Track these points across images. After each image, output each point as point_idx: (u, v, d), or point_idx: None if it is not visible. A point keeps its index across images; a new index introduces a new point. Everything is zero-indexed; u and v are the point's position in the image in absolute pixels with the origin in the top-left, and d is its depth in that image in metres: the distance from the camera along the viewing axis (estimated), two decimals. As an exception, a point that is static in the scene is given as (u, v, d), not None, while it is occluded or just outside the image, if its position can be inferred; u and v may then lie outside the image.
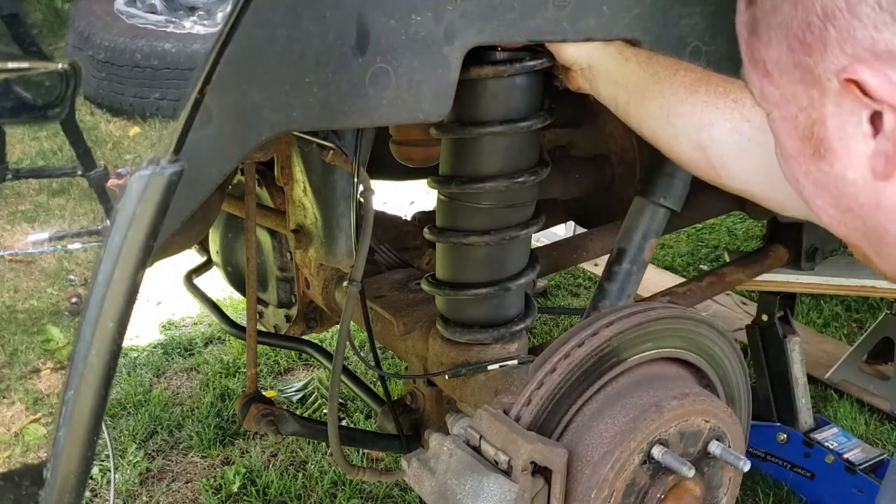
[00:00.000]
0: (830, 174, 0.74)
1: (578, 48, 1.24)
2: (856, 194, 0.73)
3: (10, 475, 0.93)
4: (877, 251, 0.76)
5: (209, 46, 0.86)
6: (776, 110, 0.78)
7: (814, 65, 0.70)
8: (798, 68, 0.72)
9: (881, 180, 0.70)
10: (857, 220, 0.75)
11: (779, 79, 0.75)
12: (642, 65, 1.18)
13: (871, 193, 0.71)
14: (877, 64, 0.65)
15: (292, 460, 2.94)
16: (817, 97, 0.71)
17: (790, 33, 0.71)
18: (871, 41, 0.65)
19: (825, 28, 0.67)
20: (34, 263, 0.89)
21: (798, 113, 0.74)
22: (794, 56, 0.71)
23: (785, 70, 0.74)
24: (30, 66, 0.85)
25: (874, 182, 0.70)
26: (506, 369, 1.50)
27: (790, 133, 0.77)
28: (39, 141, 0.88)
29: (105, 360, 0.90)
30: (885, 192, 0.70)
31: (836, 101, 0.70)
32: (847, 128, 0.70)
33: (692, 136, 1.13)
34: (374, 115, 1.04)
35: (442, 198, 1.46)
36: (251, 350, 1.95)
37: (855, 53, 0.66)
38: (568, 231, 3.91)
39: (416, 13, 1.02)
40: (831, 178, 0.74)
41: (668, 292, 2.22)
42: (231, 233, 2.37)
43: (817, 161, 0.74)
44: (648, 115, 1.19)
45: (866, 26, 0.64)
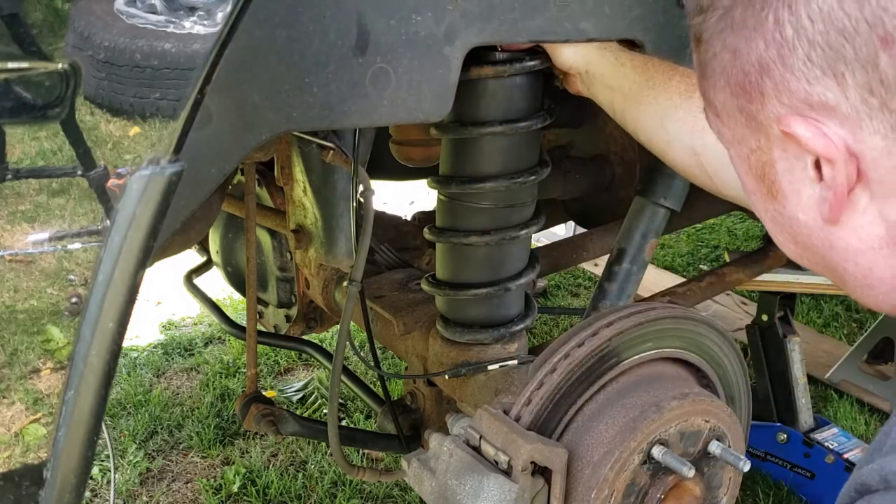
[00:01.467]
0: (784, 214, 0.75)
1: (575, 53, 1.24)
2: (809, 235, 0.73)
3: (10, 475, 0.93)
4: (842, 284, 0.77)
5: (209, 46, 0.86)
6: (732, 148, 0.79)
7: (755, 112, 0.70)
8: (742, 113, 0.72)
9: (829, 225, 0.70)
10: (815, 256, 0.76)
11: (728, 121, 0.76)
12: (637, 70, 1.19)
13: (822, 236, 0.72)
14: (812, 114, 0.66)
15: (292, 460, 2.94)
16: (763, 141, 0.72)
17: (731, 80, 0.72)
18: (805, 93, 0.65)
19: (761, 79, 0.68)
20: (34, 263, 0.89)
21: (749, 154, 0.75)
22: (738, 101, 0.72)
23: (731, 114, 0.74)
24: (30, 66, 0.85)
25: (824, 225, 0.70)
26: (506, 369, 1.50)
27: (746, 171, 0.78)
28: (39, 141, 0.88)
29: (105, 360, 0.90)
30: (835, 235, 0.71)
31: (780, 146, 0.70)
32: (794, 172, 0.70)
33: (686, 141, 1.13)
34: (374, 116, 1.04)
35: (442, 198, 1.46)
36: (251, 350, 1.95)
37: (791, 104, 0.67)
38: (568, 231, 3.91)
39: (416, 13, 1.02)
40: (785, 218, 0.75)
41: (668, 292, 2.22)
42: (231, 233, 2.37)
43: (772, 201, 0.75)
44: (643, 121, 1.20)
45: (799, 79, 0.65)
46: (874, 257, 0.69)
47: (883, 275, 0.70)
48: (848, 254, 0.71)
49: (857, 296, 0.77)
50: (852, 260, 0.71)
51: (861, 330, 3.63)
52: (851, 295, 0.78)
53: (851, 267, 0.72)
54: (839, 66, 0.62)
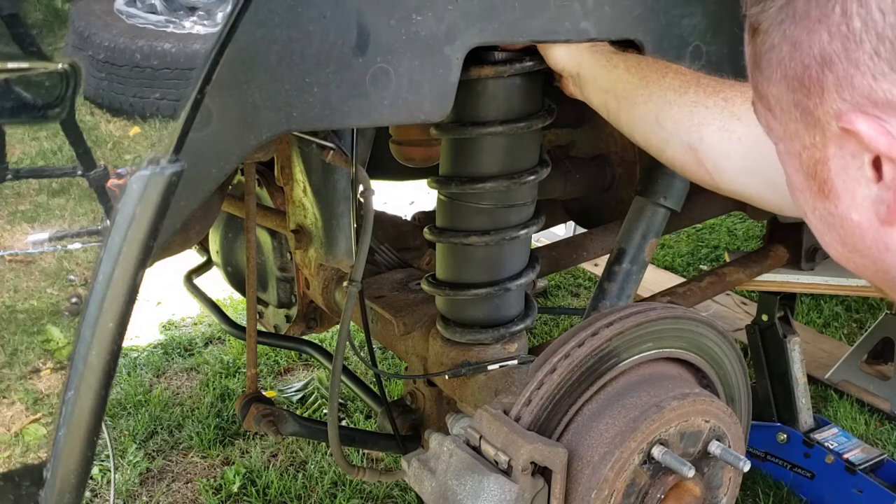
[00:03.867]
0: (836, 214, 0.72)
1: (567, 55, 1.24)
2: (862, 236, 0.71)
3: (10, 475, 0.93)
4: (890, 289, 0.75)
5: (209, 46, 0.86)
6: (781, 144, 0.77)
7: (813, 107, 0.69)
8: (798, 108, 0.70)
9: (885, 227, 0.68)
10: (865, 259, 0.74)
11: (781, 116, 0.74)
12: (631, 70, 1.18)
13: (877, 237, 0.70)
14: (875, 111, 0.64)
15: (292, 460, 2.94)
16: (819, 138, 0.70)
17: (789, 73, 0.70)
18: (870, 89, 0.64)
19: (822, 73, 0.66)
20: (34, 263, 0.89)
21: (801, 151, 0.73)
22: (794, 96, 0.70)
23: (786, 108, 0.72)
24: (30, 66, 0.85)
25: (880, 226, 0.69)
26: (506, 369, 1.50)
27: (796, 168, 0.76)
28: (39, 141, 0.88)
29: (105, 360, 0.90)
30: (892, 237, 0.69)
31: (837, 143, 0.68)
32: (850, 171, 0.69)
33: (682, 137, 1.12)
34: (374, 116, 1.04)
35: (442, 198, 1.46)
36: (251, 350, 1.95)
37: (853, 100, 0.65)
38: (568, 231, 3.91)
39: (416, 13, 1.02)
40: (836, 218, 0.73)
41: (668, 292, 2.22)
42: (231, 233, 2.37)
43: (822, 200, 0.73)
44: (639, 120, 1.18)
45: (864, 74, 0.63)
46: None
47: None
48: None
49: None
50: None
51: (861, 330, 3.63)
52: None
53: None
54: None
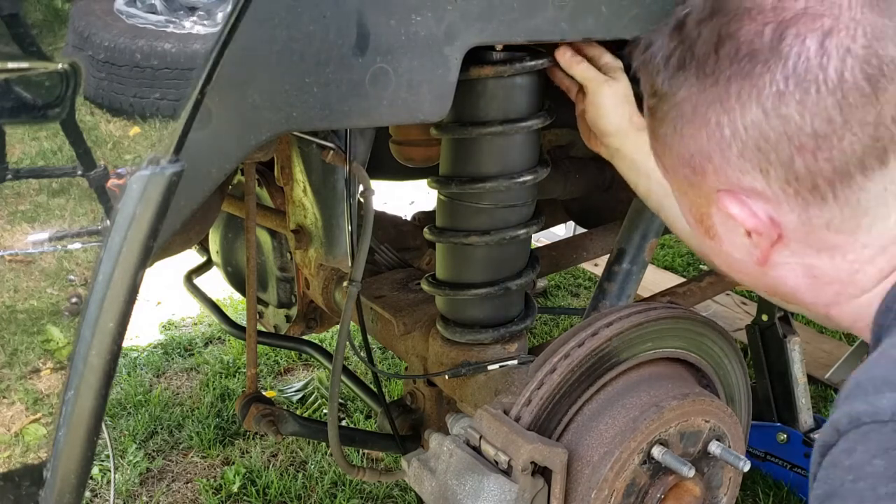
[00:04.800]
0: (720, 251, 0.92)
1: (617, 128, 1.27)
2: (745, 269, 0.91)
3: (10, 475, 0.93)
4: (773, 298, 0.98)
5: (209, 46, 0.86)
6: (674, 194, 0.96)
7: (698, 182, 0.87)
8: (686, 179, 0.89)
9: (760, 266, 0.88)
10: (749, 278, 0.94)
11: (673, 178, 0.93)
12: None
13: (755, 272, 0.90)
14: (743, 195, 0.83)
15: (292, 460, 2.94)
16: (703, 200, 0.88)
17: (680, 155, 0.88)
18: (738, 180, 0.82)
19: (703, 163, 0.85)
20: (34, 263, 0.89)
21: (691, 204, 0.92)
22: (684, 170, 0.88)
23: (678, 175, 0.90)
24: (30, 66, 0.85)
25: (755, 265, 0.88)
26: (506, 369, 1.50)
27: (687, 212, 0.95)
28: (39, 141, 0.88)
29: (105, 360, 0.90)
30: (765, 272, 0.89)
31: (715, 211, 0.88)
32: (728, 227, 0.88)
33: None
34: (374, 116, 1.04)
35: (442, 198, 1.46)
36: (251, 350, 1.95)
37: (728, 184, 0.83)
38: (568, 231, 3.91)
39: (416, 13, 1.02)
40: (722, 254, 0.92)
41: (668, 292, 2.22)
42: (231, 233, 2.37)
43: (709, 240, 0.92)
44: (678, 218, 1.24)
45: (734, 170, 0.82)
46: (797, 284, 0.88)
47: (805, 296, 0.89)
48: (778, 283, 0.90)
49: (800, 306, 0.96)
50: (783, 286, 0.90)
51: (861, 330, 3.62)
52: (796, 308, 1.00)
53: (782, 289, 0.91)
54: (765, 164, 0.80)
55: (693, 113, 0.83)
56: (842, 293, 0.86)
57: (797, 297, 0.91)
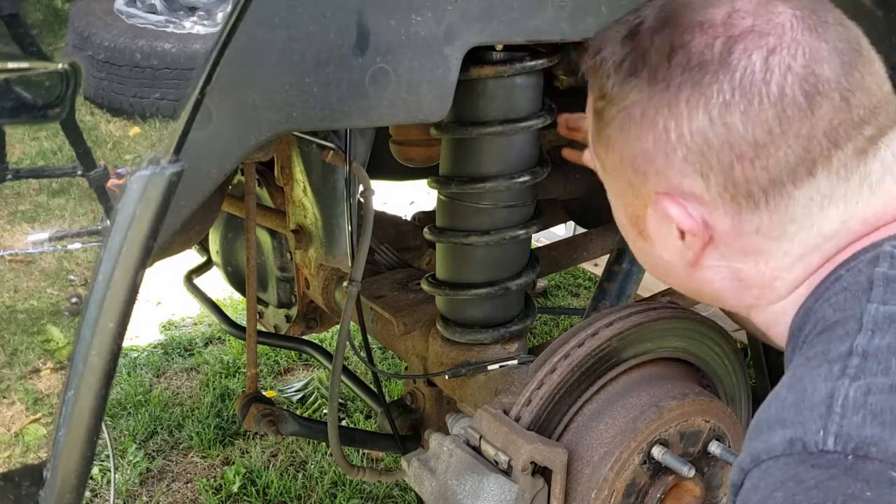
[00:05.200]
0: (651, 253, 0.96)
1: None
2: (672, 269, 0.95)
3: (10, 475, 0.93)
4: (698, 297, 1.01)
5: (209, 46, 0.86)
6: (611, 191, 1.00)
7: (638, 184, 0.91)
8: (626, 179, 0.92)
9: (690, 268, 0.92)
10: (675, 280, 0.99)
11: (612, 178, 0.97)
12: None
13: (682, 272, 0.94)
14: (681, 198, 0.87)
15: (292, 460, 2.94)
16: (640, 201, 0.92)
17: (622, 156, 0.91)
18: (679, 182, 0.86)
19: (646, 165, 0.88)
20: (34, 263, 0.89)
21: (627, 204, 0.96)
22: (625, 170, 0.92)
23: (618, 175, 0.94)
24: (30, 66, 0.85)
25: (686, 266, 0.93)
26: (506, 369, 1.50)
27: (622, 213, 0.99)
28: (39, 141, 0.88)
29: (105, 360, 0.90)
30: (694, 273, 0.93)
31: (653, 209, 0.91)
32: (661, 229, 0.91)
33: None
34: (373, 116, 1.04)
35: (442, 198, 1.46)
36: (251, 350, 1.95)
37: (668, 186, 0.87)
38: (568, 231, 3.91)
39: (416, 13, 1.02)
40: (652, 255, 0.97)
41: (668, 292, 2.22)
42: (231, 233, 2.37)
43: (641, 241, 0.97)
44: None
45: (675, 173, 0.86)
46: (722, 286, 0.93)
47: (729, 298, 0.94)
48: (704, 284, 0.94)
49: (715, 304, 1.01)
50: (708, 287, 0.94)
51: (861, 330, 3.62)
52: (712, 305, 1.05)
53: (707, 290, 0.95)
54: (706, 169, 0.84)
55: (642, 117, 0.87)
56: (761, 297, 0.91)
57: (720, 299, 0.96)
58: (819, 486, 0.63)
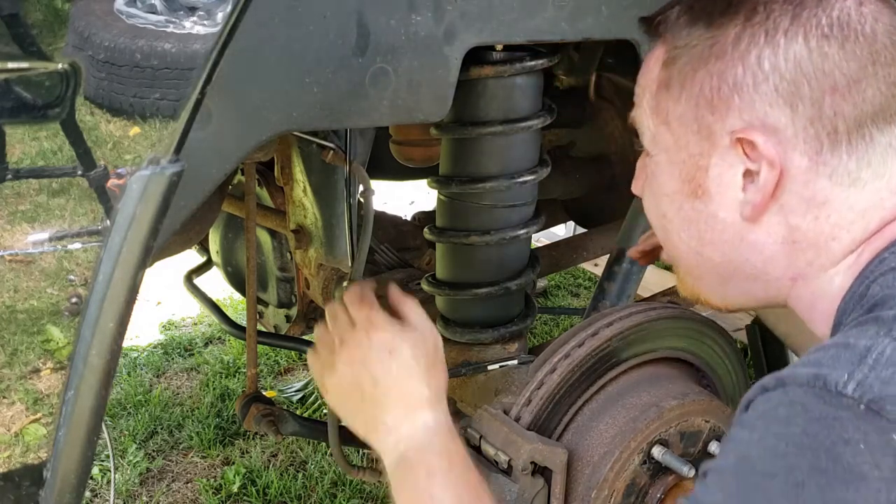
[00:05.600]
0: (704, 211, 0.92)
1: None
2: (723, 230, 0.91)
3: (10, 475, 0.93)
4: (730, 277, 0.95)
5: (209, 46, 0.86)
6: (665, 154, 0.95)
7: (712, 122, 0.88)
8: (698, 122, 0.89)
9: (747, 223, 0.89)
10: (715, 251, 0.93)
11: (677, 128, 0.92)
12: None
13: (737, 231, 0.90)
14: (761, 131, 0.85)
15: (292, 460, 2.94)
16: (707, 148, 0.89)
17: (703, 94, 0.88)
18: (764, 114, 0.84)
19: (731, 97, 0.86)
20: (34, 263, 0.89)
21: (686, 158, 0.92)
22: (699, 112, 0.89)
23: (685, 122, 0.91)
24: (30, 66, 0.85)
25: (742, 222, 0.89)
26: (506, 369, 1.50)
27: (672, 174, 0.94)
28: (39, 141, 0.88)
29: (105, 360, 0.90)
30: (750, 230, 0.89)
31: (721, 154, 0.88)
32: (724, 178, 0.88)
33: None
34: (373, 116, 1.04)
35: (442, 198, 1.46)
36: (251, 350, 1.95)
37: (750, 121, 0.85)
38: (568, 231, 3.91)
39: (416, 13, 1.02)
40: (703, 214, 0.92)
41: (668, 292, 2.22)
42: (231, 233, 2.37)
43: (693, 200, 0.92)
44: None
45: (763, 103, 0.84)
46: (773, 251, 0.89)
47: (777, 265, 0.90)
48: (756, 246, 0.89)
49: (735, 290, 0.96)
50: (759, 251, 0.90)
51: (861, 330, 3.62)
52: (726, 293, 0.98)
53: (755, 257, 0.90)
54: (796, 99, 0.83)
55: (733, 48, 0.86)
56: (813, 262, 0.88)
57: (765, 269, 0.91)
58: (821, 420, 0.66)
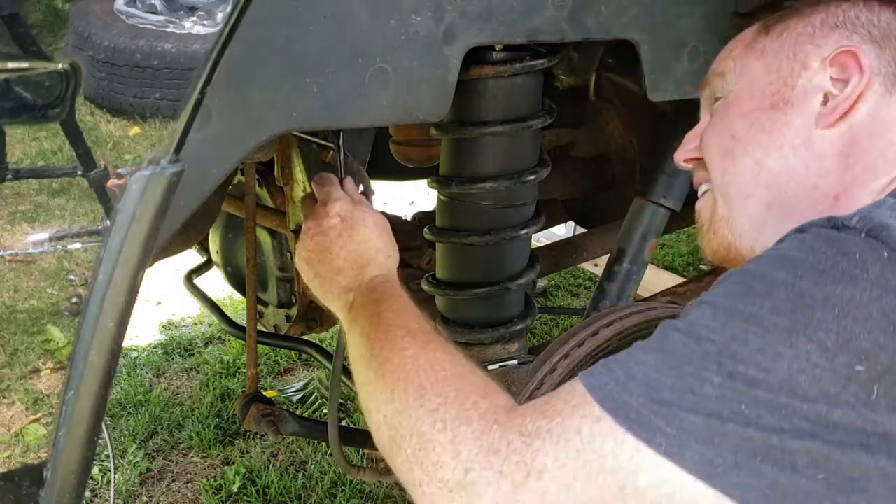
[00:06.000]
0: (779, 120, 0.96)
1: None
2: (794, 135, 0.95)
3: (10, 475, 0.93)
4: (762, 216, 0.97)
5: (209, 46, 0.86)
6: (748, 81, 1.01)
7: (810, 50, 0.96)
8: (794, 50, 0.97)
9: (819, 129, 0.94)
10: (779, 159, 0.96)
11: (771, 59, 1.00)
12: None
13: (806, 136, 0.94)
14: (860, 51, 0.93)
15: (292, 460, 2.94)
16: (798, 69, 0.96)
17: (804, 31, 0.97)
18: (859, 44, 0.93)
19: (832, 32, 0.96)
20: (34, 263, 0.89)
21: (775, 79, 0.98)
22: (798, 43, 0.97)
23: (780, 52, 0.99)
24: (30, 66, 0.85)
25: (813, 128, 0.94)
26: (506, 369, 1.50)
27: (753, 95, 1.00)
28: (39, 141, 0.88)
29: (105, 360, 0.90)
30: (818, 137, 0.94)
31: (811, 74, 0.95)
32: (808, 91, 0.95)
33: None
34: (373, 116, 1.04)
35: (442, 198, 1.46)
36: (251, 350, 1.95)
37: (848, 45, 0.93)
38: (568, 231, 3.91)
39: (415, 13, 1.02)
40: (778, 123, 0.96)
41: (668, 292, 2.22)
42: (231, 233, 2.37)
43: (771, 111, 0.97)
44: None
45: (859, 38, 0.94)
46: (832, 162, 0.92)
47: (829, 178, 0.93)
48: (819, 154, 0.93)
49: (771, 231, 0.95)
50: (819, 159, 0.93)
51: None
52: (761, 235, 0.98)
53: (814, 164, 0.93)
54: (884, 43, 0.93)
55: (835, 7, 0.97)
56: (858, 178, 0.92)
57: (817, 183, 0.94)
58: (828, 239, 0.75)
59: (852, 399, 0.67)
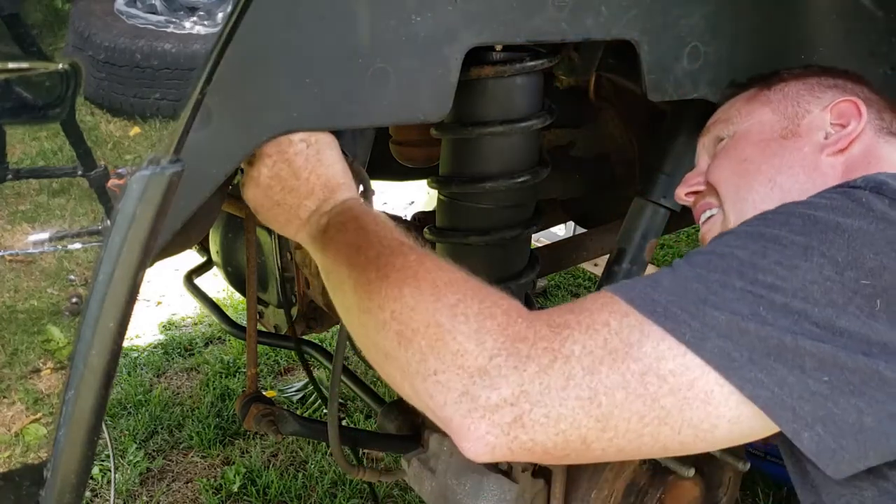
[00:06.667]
0: (788, 146, 1.09)
1: None
2: (803, 158, 1.07)
3: (10, 475, 0.93)
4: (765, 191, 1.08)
5: (209, 47, 0.86)
6: (756, 121, 1.14)
7: (810, 100, 1.12)
8: (797, 99, 1.13)
9: (821, 155, 1.06)
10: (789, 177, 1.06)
11: (776, 104, 1.14)
12: None
13: (812, 160, 1.07)
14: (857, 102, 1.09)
15: (292, 460, 2.94)
16: (801, 112, 1.11)
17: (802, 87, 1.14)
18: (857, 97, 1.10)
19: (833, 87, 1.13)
20: (34, 263, 0.89)
21: (781, 118, 1.12)
22: (798, 94, 1.13)
23: (783, 100, 1.14)
24: (30, 66, 0.85)
25: (818, 155, 1.06)
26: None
27: (762, 130, 1.13)
28: (39, 141, 0.88)
29: (105, 360, 0.90)
30: (823, 163, 1.06)
31: (812, 118, 1.10)
32: (813, 129, 1.09)
33: None
34: (373, 116, 1.04)
35: (442, 198, 1.46)
36: (251, 350, 1.95)
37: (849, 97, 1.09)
38: (568, 231, 3.91)
39: (416, 13, 1.02)
40: (788, 149, 1.08)
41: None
42: (231, 233, 2.37)
43: (781, 140, 1.09)
44: None
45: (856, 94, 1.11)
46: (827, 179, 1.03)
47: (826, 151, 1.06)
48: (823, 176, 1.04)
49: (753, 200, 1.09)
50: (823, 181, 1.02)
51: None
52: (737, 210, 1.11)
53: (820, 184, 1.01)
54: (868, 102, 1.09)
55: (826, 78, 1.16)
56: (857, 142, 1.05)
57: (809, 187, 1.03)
58: (836, 195, 0.85)
59: (856, 310, 0.75)
